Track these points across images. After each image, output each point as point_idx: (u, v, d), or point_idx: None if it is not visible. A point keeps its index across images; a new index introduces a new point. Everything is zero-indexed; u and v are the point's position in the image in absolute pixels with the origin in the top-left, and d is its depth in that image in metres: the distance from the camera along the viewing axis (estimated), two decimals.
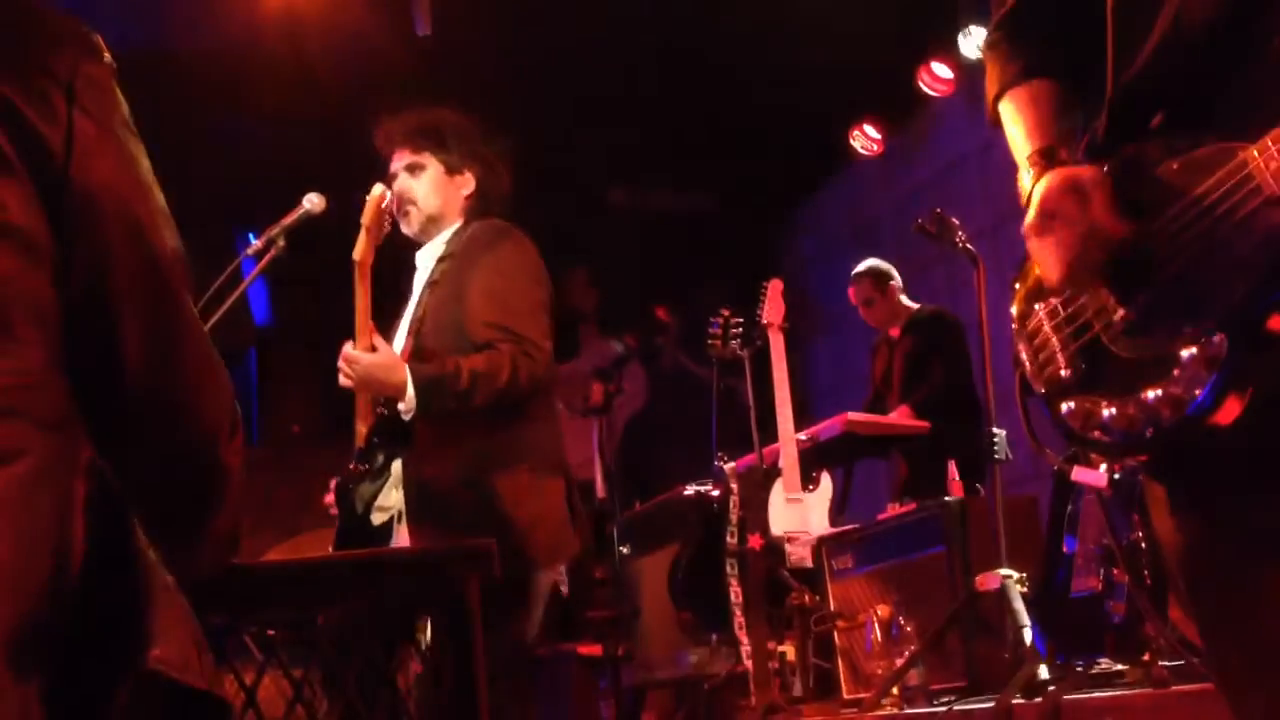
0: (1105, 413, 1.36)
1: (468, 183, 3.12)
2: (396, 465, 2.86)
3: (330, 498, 2.87)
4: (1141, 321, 1.35)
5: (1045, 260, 1.42)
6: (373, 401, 2.86)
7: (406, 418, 2.78)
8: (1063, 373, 1.44)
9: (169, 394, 1.09)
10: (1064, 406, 1.43)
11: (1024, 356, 1.52)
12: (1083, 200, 1.37)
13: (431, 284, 3.00)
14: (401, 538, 2.82)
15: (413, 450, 2.83)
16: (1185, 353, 1.26)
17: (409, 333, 2.99)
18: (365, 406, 2.86)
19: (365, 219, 2.92)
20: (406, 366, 2.77)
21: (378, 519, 2.84)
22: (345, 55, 6.38)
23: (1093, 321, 1.41)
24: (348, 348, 2.81)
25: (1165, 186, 1.32)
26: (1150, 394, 1.30)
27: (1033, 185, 1.45)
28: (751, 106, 7.28)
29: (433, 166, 3.09)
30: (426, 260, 3.12)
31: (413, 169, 3.10)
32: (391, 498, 2.86)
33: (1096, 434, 1.37)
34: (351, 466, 2.84)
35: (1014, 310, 1.56)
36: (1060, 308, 1.47)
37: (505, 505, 2.78)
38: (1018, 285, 1.56)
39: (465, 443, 2.83)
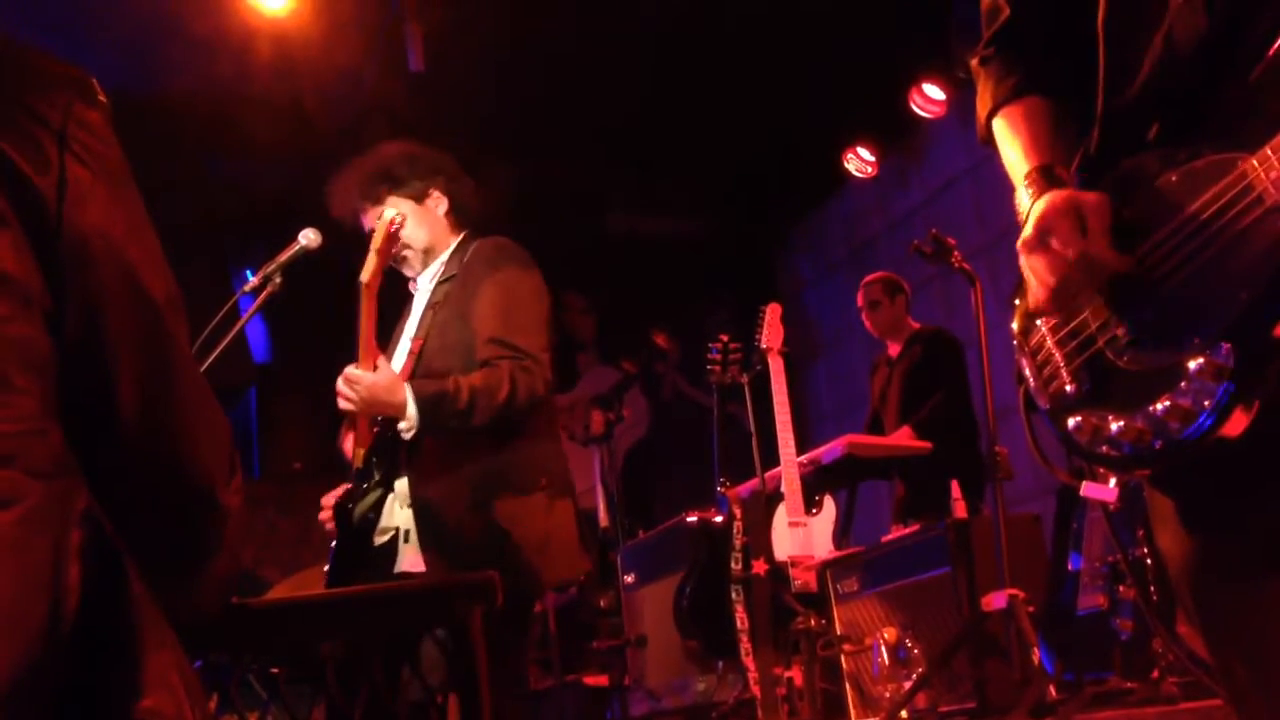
0: (1113, 426, 1.34)
1: (440, 201, 3.12)
2: (401, 484, 2.84)
3: (325, 514, 2.82)
4: (1146, 335, 1.34)
5: (1033, 278, 1.41)
6: (369, 422, 2.84)
7: (408, 436, 2.77)
8: (1067, 388, 1.43)
9: (165, 437, 1.08)
10: (1070, 421, 1.41)
11: (1027, 372, 1.51)
12: (1080, 225, 1.36)
13: (433, 306, 2.99)
14: (406, 557, 2.79)
15: (418, 470, 2.81)
16: (1192, 364, 1.26)
17: (410, 354, 2.98)
18: (363, 429, 2.83)
19: (376, 243, 2.89)
20: (407, 385, 2.76)
21: (380, 540, 2.82)
22: (339, 92, 6.40)
23: (1096, 335, 1.40)
24: (350, 369, 2.79)
25: (1165, 199, 1.31)
26: (1158, 406, 1.29)
27: (1031, 203, 1.43)
28: (746, 131, 7.31)
29: (402, 205, 3.07)
30: (425, 283, 3.12)
31: None
32: (395, 517, 2.83)
33: (1105, 448, 1.36)
34: (350, 486, 2.81)
35: (1015, 326, 1.54)
36: (1062, 322, 1.45)
37: (516, 526, 2.76)
38: (1018, 301, 1.55)
39: (472, 462, 2.81)
